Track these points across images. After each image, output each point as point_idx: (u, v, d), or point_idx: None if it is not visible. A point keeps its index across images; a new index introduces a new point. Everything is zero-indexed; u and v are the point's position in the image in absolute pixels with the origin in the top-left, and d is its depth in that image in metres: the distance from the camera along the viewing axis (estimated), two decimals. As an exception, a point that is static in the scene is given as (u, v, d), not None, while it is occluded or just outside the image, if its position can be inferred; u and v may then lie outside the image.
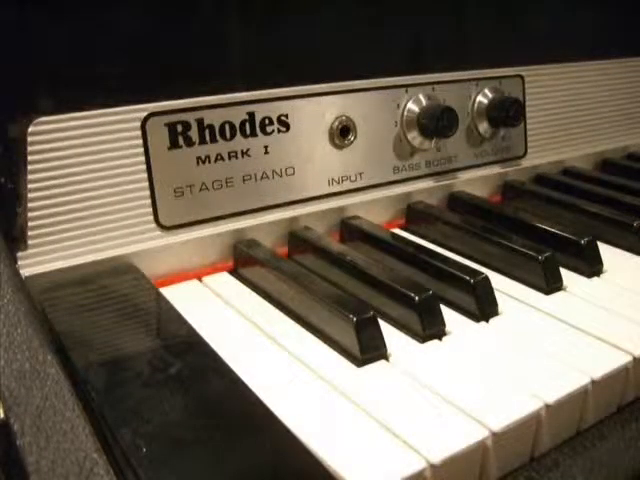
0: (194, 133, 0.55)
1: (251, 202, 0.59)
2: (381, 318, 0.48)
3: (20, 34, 0.50)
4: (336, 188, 0.64)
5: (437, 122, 0.65)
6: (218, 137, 0.57)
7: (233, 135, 0.57)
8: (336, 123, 0.63)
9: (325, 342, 0.47)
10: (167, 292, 0.52)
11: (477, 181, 0.75)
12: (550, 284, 0.55)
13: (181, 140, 0.55)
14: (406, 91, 0.67)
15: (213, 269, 0.59)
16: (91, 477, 0.30)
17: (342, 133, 0.63)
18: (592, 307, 0.52)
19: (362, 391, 0.41)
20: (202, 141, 0.56)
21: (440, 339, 0.48)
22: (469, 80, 0.71)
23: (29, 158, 0.49)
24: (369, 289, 0.52)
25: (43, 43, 0.51)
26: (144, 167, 0.54)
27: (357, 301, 0.49)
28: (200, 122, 0.55)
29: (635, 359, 0.45)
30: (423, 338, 0.47)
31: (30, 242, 0.50)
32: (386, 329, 0.47)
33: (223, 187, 0.57)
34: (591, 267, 0.58)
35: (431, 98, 0.68)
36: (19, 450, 0.31)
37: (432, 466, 0.35)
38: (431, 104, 0.67)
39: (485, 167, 0.75)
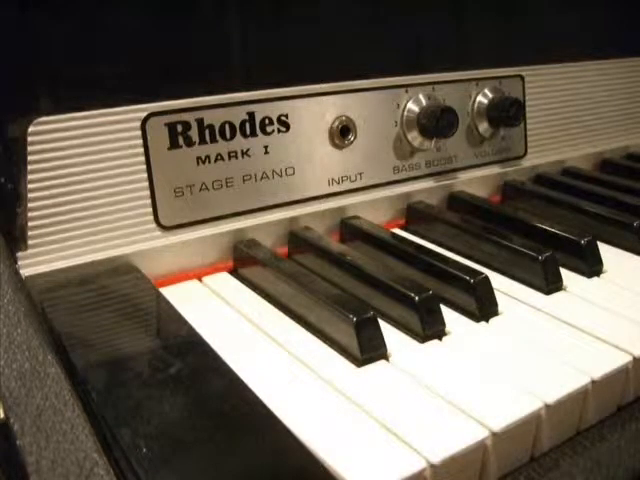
0: (194, 133, 0.55)
1: (251, 202, 0.59)
2: (381, 318, 0.48)
3: (20, 34, 0.50)
4: (336, 188, 0.64)
5: (437, 122, 0.65)
6: (218, 137, 0.57)
7: (233, 135, 0.57)
8: (336, 123, 0.63)
9: (325, 342, 0.47)
10: (167, 292, 0.52)
11: (477, 181, 0.75)
12: (550, 284, 0.55)
13: (181, 140, 0.55)
14: (406, 91, 0.67)
15: (213, 269, 0.59)
16: (91, 477, 0.30)
17: (342, 133, 0.63)
18: (592, 307, 0.52)
19: (362, 391, 0.41)
20: (202, 141, 0.56)
21: (440, 339, 0.48)
22: (469, 80, 0.71)
23: (29, 158, 0.49)
24: (369, 289, 0.52)
25: (43, 43, 0.51)
26: (144, 167, 0.54)
27: (357, 301, 0.49)
28: (200, 122, 0.55)
29: (635, 359, 0.44)
30: (423, 338, 0.47)
31: (30, 242, 0.50)
32: (386, 329, 0.47)
33: (223, 187, 0.57)
34: (591, 267, 0.58)
35: (431, 98, 0.68)
36: (19, 450, 0.31)
37: (432, 466, 0.35)
38: (431, 104, 0.67)
39: (485, 167, 0.75)
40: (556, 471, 0.40)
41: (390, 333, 0.48)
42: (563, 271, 0.56)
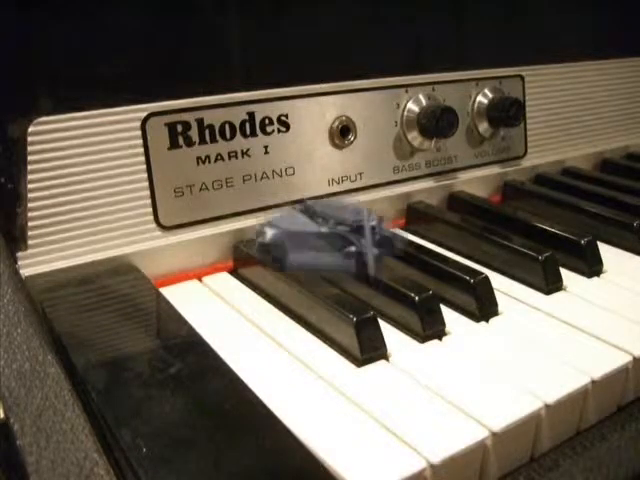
0: (194, 133, 0.55)
1: (251, 202, 0.59)
2: (381, 318, 0.47)
3: (20, 34, 0.50)
4: (336, 188, 0.64)
5: (437, 122, 0.65)
6: (218, 137, 0.57)
7: (233, 135, 0.57)
8: (336, 123, 0.63)
9: (325, 342, 0.47)
10: (167, 292, 0.52)
11: (477, 181, 0.75)
12: (550, 284, 0.55)
13: (181, 140, 0.55)
14: (406, 91, 0.67)
15: (213, 269, 0.59)
16: (91, 477, 0.30)
17: (342, 133, 0.63)
18: (592, 307, 0.52)
19: (362, 391, 0.41)
20: (202, 141, 0.56)
21: (440, 339, 0.48)
22: (469, 80, 0.71)
23: (29, 158, 0.49)
24: (369, 289, 0.52)
25: (43, 43, 0.51)
26: (144, 167, 0.54)
27: (357, 301, 0.49)
28: (200, 122, 0.55)
29: (635, 359, 0.44)
30: (423, 338, 0.47)
31: (30, 242, 0.50)
32: (386, 329, 0.47)
33: (223, 187, 0.57)
34: (591, 267, 0.58)
35: (431, 98, 0.68)
36: (19, 450, 0.31)
37: (432, 466, 0.35)
38: (431, 104, 0.67)
39: (485, 167, 0.75)
40: (556, 471, 0.40)
41: (390, 333, 0.48)
42: (563, 271, 0.56)
